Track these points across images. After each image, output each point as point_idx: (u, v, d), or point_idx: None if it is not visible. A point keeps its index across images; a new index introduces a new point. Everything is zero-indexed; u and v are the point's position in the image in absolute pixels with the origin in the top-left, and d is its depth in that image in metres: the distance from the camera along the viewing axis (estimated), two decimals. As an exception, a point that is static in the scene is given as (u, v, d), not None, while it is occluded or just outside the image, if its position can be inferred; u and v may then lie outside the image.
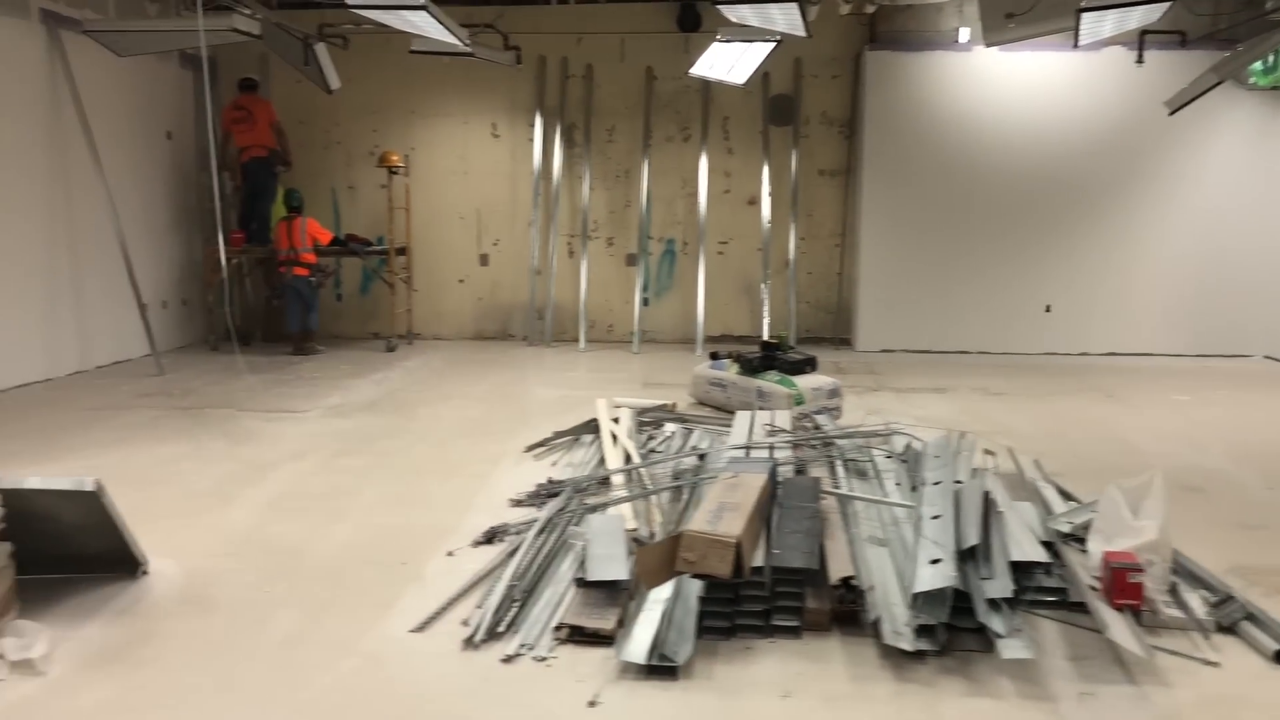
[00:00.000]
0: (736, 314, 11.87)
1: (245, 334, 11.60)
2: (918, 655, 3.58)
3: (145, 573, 4.41)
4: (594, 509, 5.12)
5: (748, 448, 5.71)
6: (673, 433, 6.89)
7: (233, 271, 11.47)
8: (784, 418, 6.56)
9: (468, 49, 9.52)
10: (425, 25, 8.18)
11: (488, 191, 12.07)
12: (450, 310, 12.25)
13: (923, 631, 3.61)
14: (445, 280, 12.20)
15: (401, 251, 11.59)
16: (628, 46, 11.69)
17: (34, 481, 4.01)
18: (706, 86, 11.47)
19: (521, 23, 10.99)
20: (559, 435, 6.90)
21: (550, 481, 5.66)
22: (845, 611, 3.84)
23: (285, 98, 11.78)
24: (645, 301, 11.61)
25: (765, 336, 10.26)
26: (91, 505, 4.08)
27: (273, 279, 11.03)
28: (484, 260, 12.18)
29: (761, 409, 7.13)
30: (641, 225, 11.62)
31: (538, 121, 11.77)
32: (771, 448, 5.58)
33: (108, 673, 3.55)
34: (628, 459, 6.15)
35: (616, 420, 7.07)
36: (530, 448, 6.66)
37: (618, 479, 5.66)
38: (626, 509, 5.02)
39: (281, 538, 4.98)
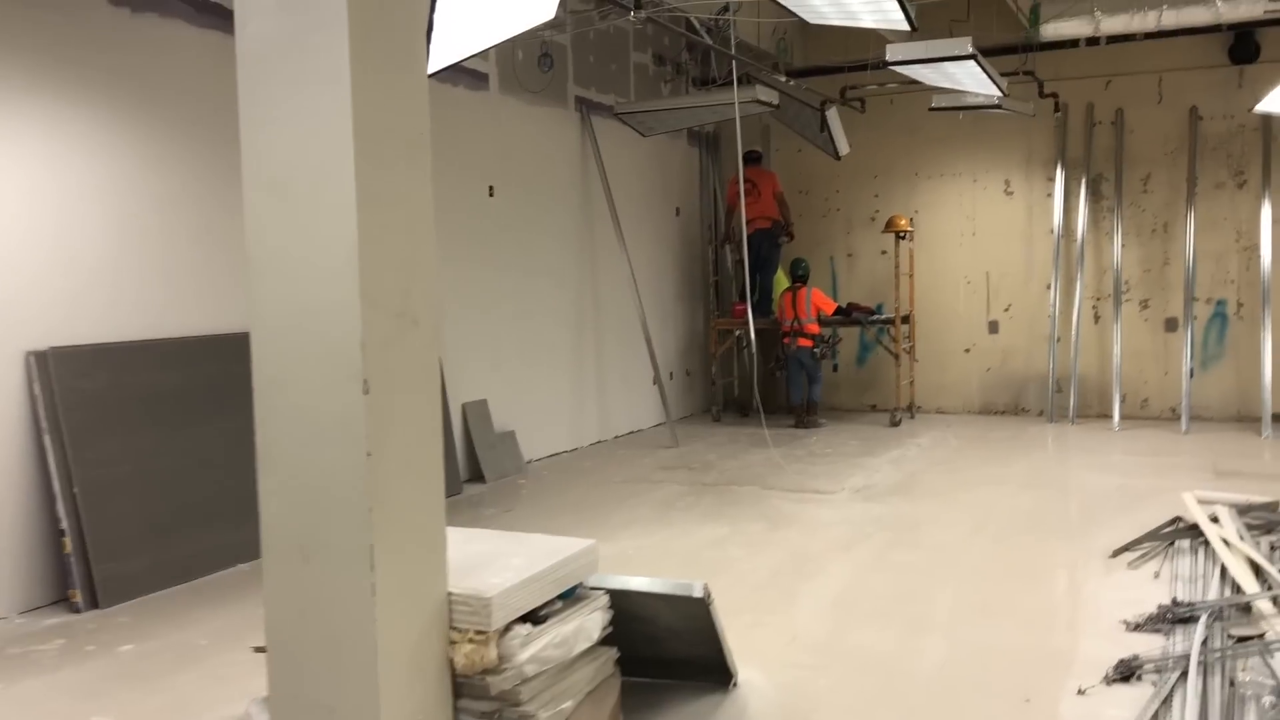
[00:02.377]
0: (1308, 388, 9.96)
1: (743, 405, 11.52)
2: None
3: (735, 684, 4.02)
4: (1245, 641, 4.09)
5: None
6: (1301, 541, 5.58)
7: (733, 343, 11.44)
8: None
9: (996, 102, 8.79)
10: (965, 77, 7.54)
11: (999, 253, 11.16)
12: (954, 381, 11.41)
13: None
14: (950, 349, 11.40)
15: (905, 319, 10.97)
16: (1166, 85, 10.34)
17: (640, 583, 3.74)
18: (1267, 123, 9.85)
19: (1042, 69, 10.06)
20: (1149, 537, 5.84)
21: (1175, 603, 4.66)
22: None
23: (786, 167, 11.67)
24: (1190, 372, 10.07)
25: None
26: (694, 611, 3.74)
27: (776, 350, 10.84)
28: (993, 327, 11.24)
29: None
30: (1187, 284, 10.14)
31: (1059, 174, 10.72)
32: None
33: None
34: (1258, 572, 5.00)
35: (1215, 520, 5.90)
36: (1117, 552, 5.66)
37: (1264, 604, 4.55)
38: (1308, 651, 3.92)
39: (867, 649, 4.42)
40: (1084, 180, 10.63)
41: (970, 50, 6.86)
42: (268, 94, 2.90)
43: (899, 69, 7.43)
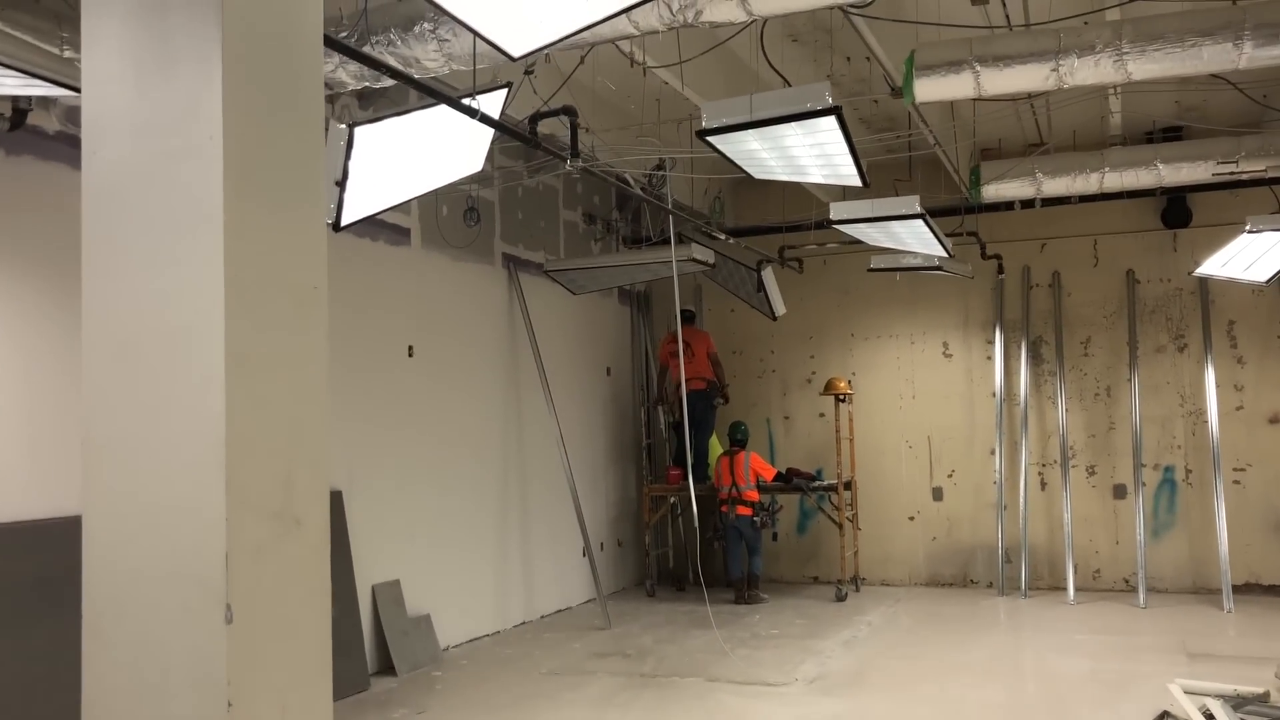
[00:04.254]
0: (1264, 556, 9.60)
1: (679, 577, 10.80)
2: None
3: None
4: None
5: None
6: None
7: (667, 510, 10.80)
8: None
9: (938, 263, 8.54)
10: (911, 238, 7.25)
11: (939, 416, 10.80)
12: (900, 552, 10.85)
13: None
14: (893, 517, 10.88)
15: (848, 485, 10.46)
16: (1101, 248, 10.26)
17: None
18: (1204, 287, 9.77)
19: (980, 231, 9.92)
20: (1146, 740, 5.24)
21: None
22: None
23: (719, 327, 11.30)
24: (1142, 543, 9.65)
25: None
26: None
27: (714, 518, 10.20)
28: (937, 494, 10.77)
29: None
30: (1135, 450, 9.82)
31: (998, 337, 10.48)
32: None
33: None
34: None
35: (1210, 717, 5.34)
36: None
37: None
38: None
39: None
40: (1023, 343, 10.40)
41: (918, 209, 6.57)
42: (118, 236, 2.30)
43: (842, 228, 7.11)
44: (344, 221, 5.55)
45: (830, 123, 4.56)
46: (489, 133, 5.92)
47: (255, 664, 2.19)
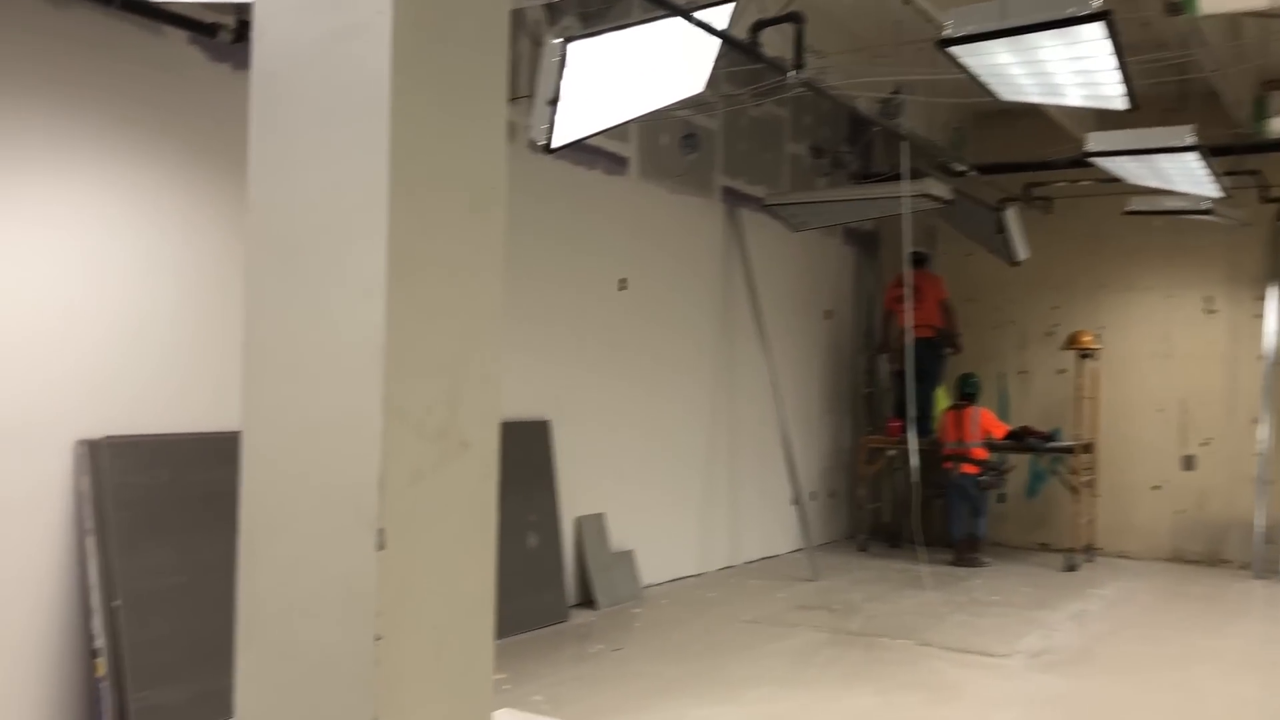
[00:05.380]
0: None
1: (893, 533, 10.31)
2: None
3: None
4: None
5: None
6: None
7: (885, 463, 10.30)
8: None
9: (1208, 206, 7.62)
10: (1179, 174, 6.43)
11: (1196, 379, 9.78)
12: (1141, 523, 9.95)
13: None
14: (1135, 485, 9.98)
15: (1086, 448, 9.64)
16: None
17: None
18: None
19: (1259, 171, 8.79)
20: None
21: None
22: None
23: (952, 272, 10.56)
24: None
25: None
26: None
27: (935, 475, 9.63)
28: (1188, 463, 9.79)
29: None
30: None
31: (1272, 292, 9.33)
32: None
33: None
34: None
35: None
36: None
37: None
38: None
39: None
40: (1304, 300, 9.23)
41: (1192, 140, 5.78)
42: (283, 125, 2.11)
43: (1099, 162, 6.39)
44: (556, 143, 5.37)
45: (1096, 30, 3.97)
46: (711, 52, 5.58)
47: (408, 596, 2.00)
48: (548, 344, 6.95)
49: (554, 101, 5.19)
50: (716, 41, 5.10)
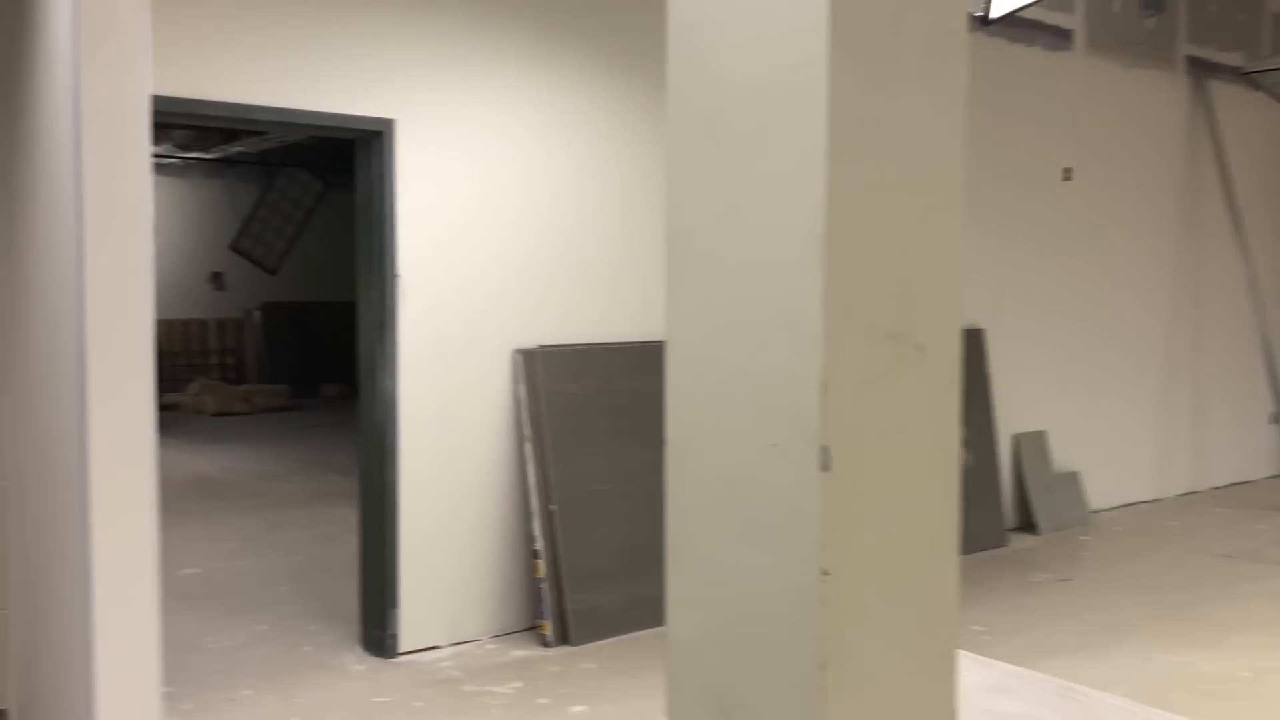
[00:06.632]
0: None
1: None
2: None
3: None
4: None
5: None
6: None
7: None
8: None
9: None
10: None
11: None
12: None
13: None
14: None
15: None
16: None
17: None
18: None
19: None
20: None
21: None
22: None
23: None
24: None
25: None
26: None
27: None
28: None
29: None
30: None
31: None
32: None
33: None
34: None
35: None
36: None
37: None
38: None
39: None
40: None
41: None
42: (703, -27, 1.82)
43: None
44: (995, 12, 4.76)
45: None
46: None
47: (858, 526, 1.69)
48: (981, 244, 6.34)
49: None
50: None
